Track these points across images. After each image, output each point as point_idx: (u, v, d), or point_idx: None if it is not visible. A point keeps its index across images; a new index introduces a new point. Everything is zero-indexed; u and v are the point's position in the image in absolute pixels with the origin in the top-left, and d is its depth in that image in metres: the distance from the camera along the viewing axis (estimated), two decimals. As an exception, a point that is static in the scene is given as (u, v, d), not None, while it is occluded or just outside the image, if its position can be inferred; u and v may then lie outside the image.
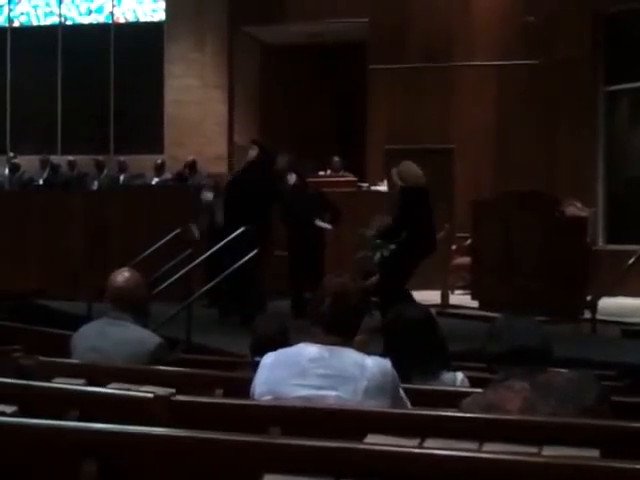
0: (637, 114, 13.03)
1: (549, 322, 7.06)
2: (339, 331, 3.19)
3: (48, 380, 3.46)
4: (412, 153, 12.74)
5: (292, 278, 9.65)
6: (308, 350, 3.16)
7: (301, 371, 3.11)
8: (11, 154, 14.99)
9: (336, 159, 13.41)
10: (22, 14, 16.87)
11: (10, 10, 16.91)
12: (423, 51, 14.06)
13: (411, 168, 8.42)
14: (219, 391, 3.71)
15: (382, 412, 2.96)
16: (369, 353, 3.25)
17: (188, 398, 3.01)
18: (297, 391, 3.08)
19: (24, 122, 16.32)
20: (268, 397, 3.13)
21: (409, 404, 3.23)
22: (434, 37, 14.00)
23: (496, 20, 13.85)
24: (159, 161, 14.12)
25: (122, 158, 14.58)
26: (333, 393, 3.05)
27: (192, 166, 13.73)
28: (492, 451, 2.35)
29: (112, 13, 16.48)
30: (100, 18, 16.58)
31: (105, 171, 14.16)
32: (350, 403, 3.02)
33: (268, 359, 3.25)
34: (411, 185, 8.22)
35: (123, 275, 4.37)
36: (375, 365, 3.12)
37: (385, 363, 3.17)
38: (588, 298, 8.61)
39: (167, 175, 13.76)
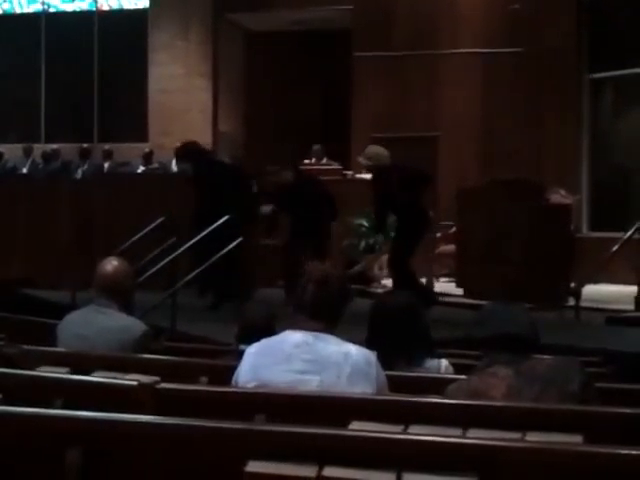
0: (621, 102, 13.07)
1: (533, 309, 7.07)
2: (322, 317, 3.22)
3: (32, 369, 3.45)
4: (397, 141, 12.77)
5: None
6: (292, 337, 3.19)
7: (286, 357, 3.13)
8: (-7, 143, 14.92)
9: (317, 147, 13.34)
10: (5, 1, 16.76)
11: (-8, -3, 16.80)
12: (408, 38, 14.04)
13: (374, 148, 8.79)
14: (204, 379, 3.71)
15: (366, 399, 2.97)
16: (354, 342, 3.27)
17: (173, 386, 3.01)
18: (282, 376, 3.10)
19: (7, 110, 16.21)
20: (253, 384, 3.14)
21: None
22: (419, 24, 13.98)
23: (481, 8, 13.85)
24: (147, 150, 14.07)
25: (107, 146, 14.52)
26: (317, 378, 3.08)
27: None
28: (476, 437, 2.36)
29: (96, 0, 16.39)
30: (83, 5, 16.48)
31: (89, 159, 14.09)
32: (333, 388, 3.04)
33: (252, 349, 3.29)
34: (377, 164, 8.54)
35: (112, 264, 4.37)
36: (359, 354, 3.16)
37: (370, 353, 3.21)
38: (572, 285, 8.64)
39: (155, 164, 13.72)
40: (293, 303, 3.32)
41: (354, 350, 3.16)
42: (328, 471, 2.14)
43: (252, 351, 3.27)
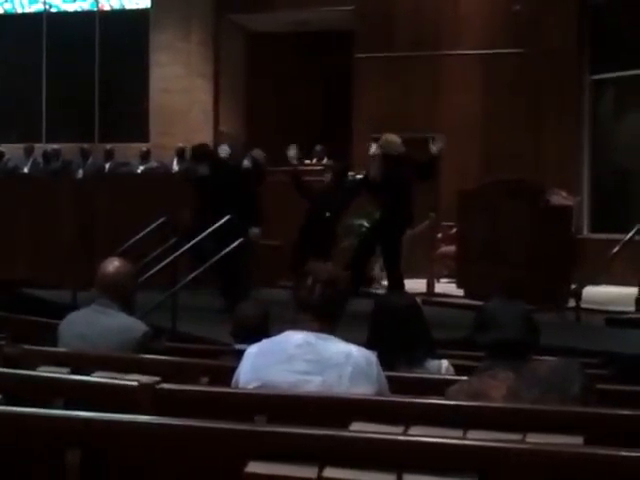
0: (622, 103, 13.07)
1: (534, 310, 7.06)
2: (327, 317, 3.23)
3: (33, 368, 3.45)
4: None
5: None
6: (294, 337, 3.18)
7: (288, 357, 3.13)
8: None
9: (318, 148, 13.38)
10: (6, 1, 16.76)
11: (-6, -3, 16.80)
12: (410, 39, 14.03)
13: (387, 136, 8.90)
14: (204, 379, 3.71)
15: (367, 399, 2.97)
16: (355, 342, 3.27)
17: (173, 386, 3.01)
18: (284, 376, 3.10)
19: (8, 110, 16.21)
20: (255, 384, 3.14)
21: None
22: (421, 25, 13.98)
23: (483, 9, 13.84)
24: (144, 149, 14.08)
25: (108, 146, 14.52)
26: (319, 378, 3.08)
27: (181, 154, 13.72)
28: (476, 438, 2.36)
29: (97, 0, 16.39)
30: (85, 5, 16.47)
31: (90, 159, 14.10)
32: (335, 389, 3.04)
33: (253, 349, 3.28)
34: (385, 152, 8.67)
35: (113, 264, 4.38)
36: (360, 354, 3.16)
37: (370, 354, 3.21)
38: (572, 286, 8.64)
39: (153, 163, 13.73)
40: (295, 303, 3.30)
41: (355, 350, 3.16)
42: (328, 472, 2.14)
43: (253, 351, 3.26)
